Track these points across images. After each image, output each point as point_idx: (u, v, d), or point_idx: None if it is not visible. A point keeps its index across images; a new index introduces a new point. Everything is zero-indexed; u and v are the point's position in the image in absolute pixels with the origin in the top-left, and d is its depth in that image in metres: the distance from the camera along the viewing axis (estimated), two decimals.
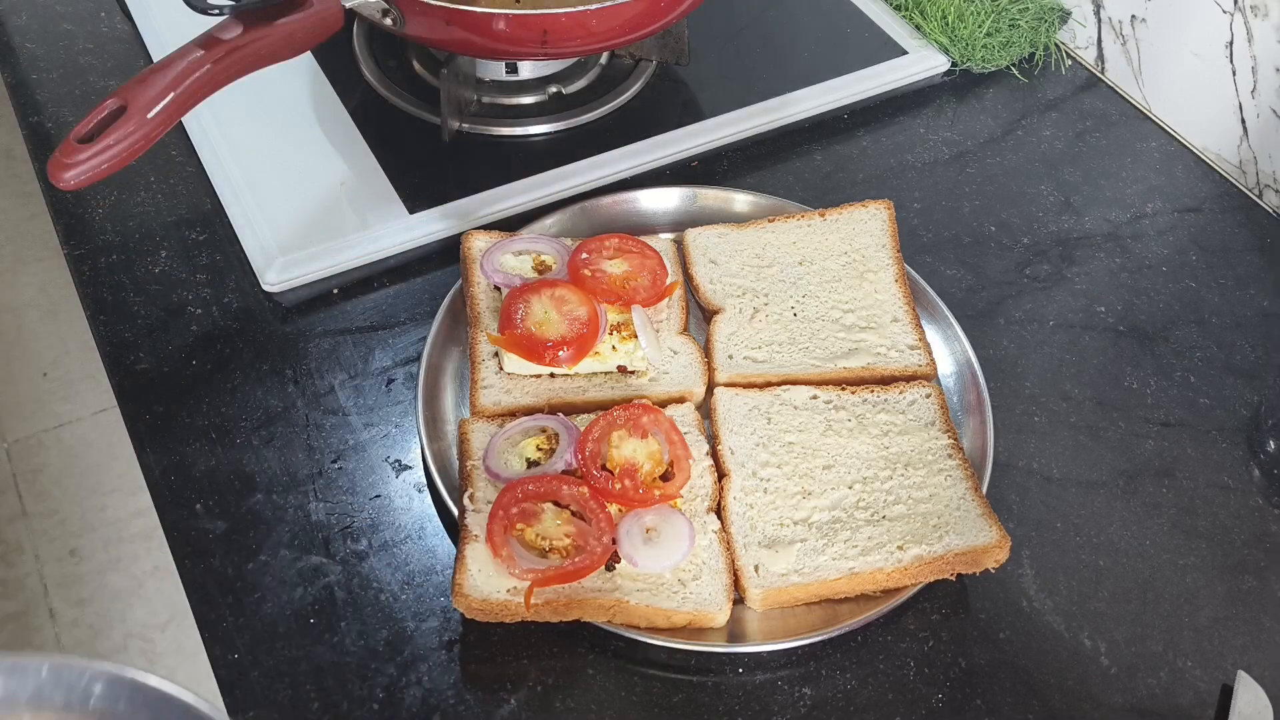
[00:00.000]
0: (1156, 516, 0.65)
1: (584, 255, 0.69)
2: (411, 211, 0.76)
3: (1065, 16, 0.93)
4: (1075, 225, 0.80)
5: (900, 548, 0.59)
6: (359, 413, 0.67)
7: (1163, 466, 0.67)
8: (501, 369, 0.66)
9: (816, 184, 0.82)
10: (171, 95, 0.63)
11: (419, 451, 0.64)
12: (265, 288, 0.72)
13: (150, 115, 0.63)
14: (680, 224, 0.75)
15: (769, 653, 0.58)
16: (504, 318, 0.66)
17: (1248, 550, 0.64)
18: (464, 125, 0.82)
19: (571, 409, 0.65)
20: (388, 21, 0.73)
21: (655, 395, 0.65)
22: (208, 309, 0.71)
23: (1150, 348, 0.73)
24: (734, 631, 0.58)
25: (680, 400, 0.66)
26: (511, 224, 0.75)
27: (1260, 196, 0.83)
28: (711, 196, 0.77)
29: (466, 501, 0.60)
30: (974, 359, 0.68)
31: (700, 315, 0.72)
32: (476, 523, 0.59)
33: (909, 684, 0.57)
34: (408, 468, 0.64)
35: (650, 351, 0.67)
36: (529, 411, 0.65)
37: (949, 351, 0.70)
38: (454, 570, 0.57)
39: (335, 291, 0.73)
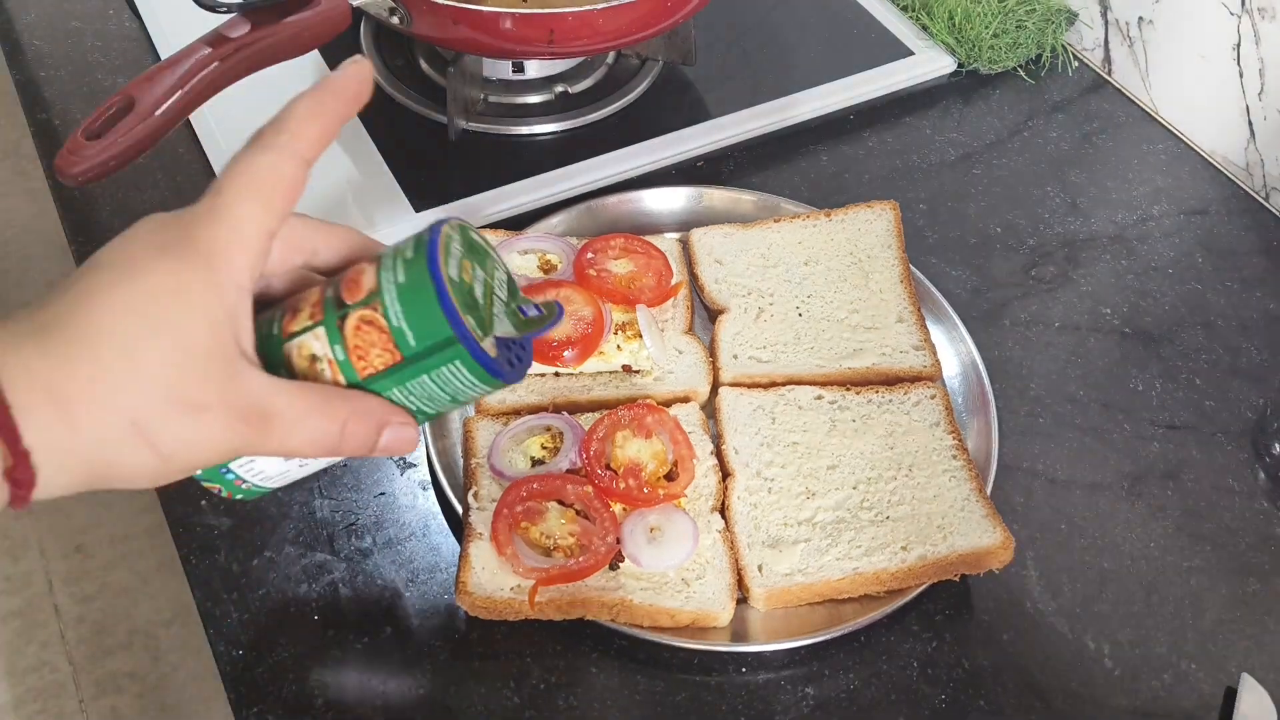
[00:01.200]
0: (1161, 519, 0.65)
1: (589, 255, 0.69)
2: (417, 210, 0.77)
3: (1072, 18, 0.92)
4: (1081, 227, 0.80)
5: (904, 548, 0.59)
6: None
7: (1168, 469, 0.67)
8: None
9: (822, 184, 0.82)
10: (179, 93, 0.63)
11: (424, 449, 0.64)
12: None
13: (157, 112, 0.63)
14: (686, 224, 0.75)
15: (772, 652, 0.58)
16: None
17: (1252, 553, 0.63)
18: (470, 124, 0.83)
19: (576, 408, 0.65)
20: (395, 20, 0.73)
21: (660, 395, 0.66)
22: None
23: (1156, 350, 0.73)
24: (737, 631, 0.58)
25: (685, 400, 0.66)
26: (517, 223, 0.75)
27: (1267, 199, 0.83)
28: (717, 196, 0.77)
29: (471, 499, 0.60)
30: (979, 360, 0.68)
31: (705, 315, 0.72)
32: (481, 521, 0.59)
33: (912, 685, 0.57)
34: (412, 465, 0.65)
35: (655, 351, 0.67)
36: (534, 410, 0.65)
37: (954, 352, 0.70)
38: (458, 568, 0.57)
39: None
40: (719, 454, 0.63)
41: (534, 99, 0.85)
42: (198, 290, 0.40)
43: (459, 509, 0.60)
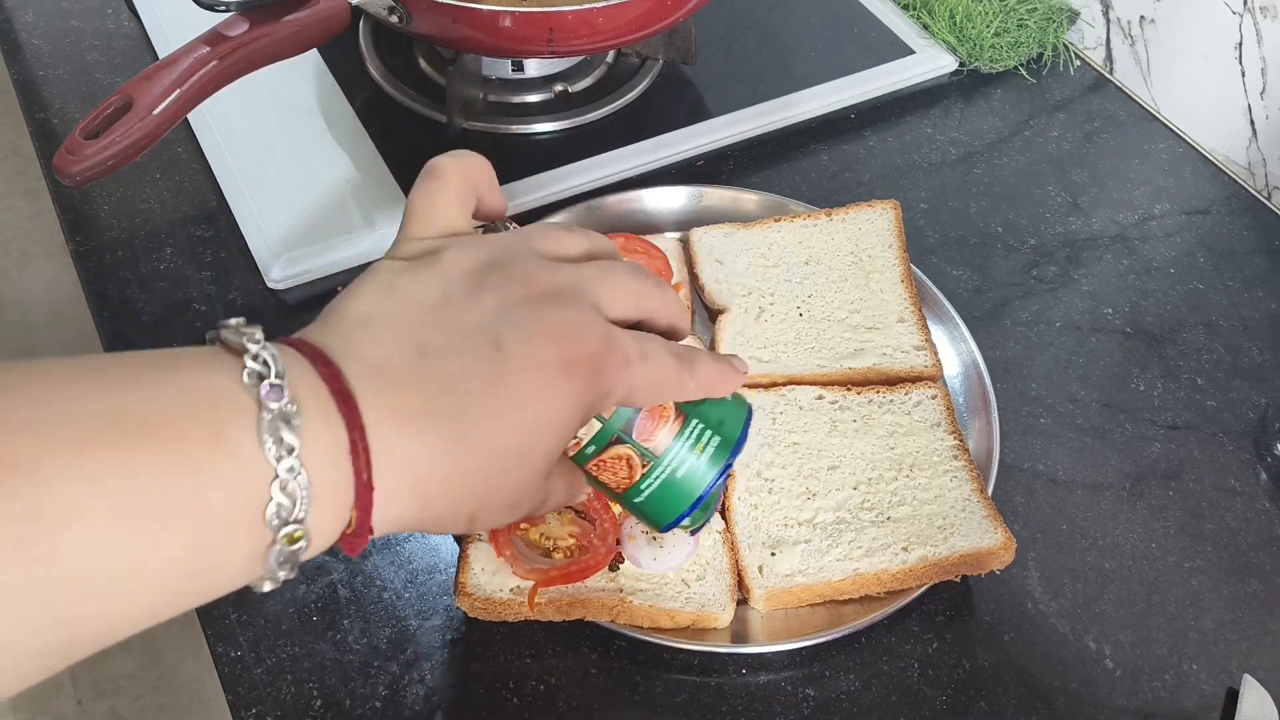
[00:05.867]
0: (1163, 519, 0.64)
1: None
2: None
3: (1074, 17, 0.92)
4: (1083, 226, 0.80)
5: (905, 549, 0.59)
6: None
7: (1169, 469, 0.67)
8: None
9: (823, 184, 0.81)
10: (177, 92, 0.63)
11: None
12: (270, 285, 0.72)
13: (156, 111, 0.62)
14: (686, 223, 0.75)
15: (772, 654, 0.58)
16: None
17: (1254, 554, 0.63)
18: (470, 123, 0.82)
19: None
20: (394, 19, 0.73)
21: None
22: (212, 306, 0.71)
23: (1157, 350, 0.73)
24: (737, 632, 0.57)
25: None
26: (517, 222, 0.75)
27: (1269, 199, 0.83)
28: (717, 196, 0.76)
29: None
30: (980, 360, 0.68)
31: (705, 315, 0.71)
32: None
33: (913, 685, 0.57)
34: None
35: None
36: None
37: (955, 352, 0.69)
38: (457, 569, 0.57)
39: (340, 289, 0.72)
40: None
41: (533, 98, 0.85)
42: (577, 423, 0.41)
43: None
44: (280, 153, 0.79)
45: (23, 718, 1.42)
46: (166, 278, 0.72)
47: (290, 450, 0.34)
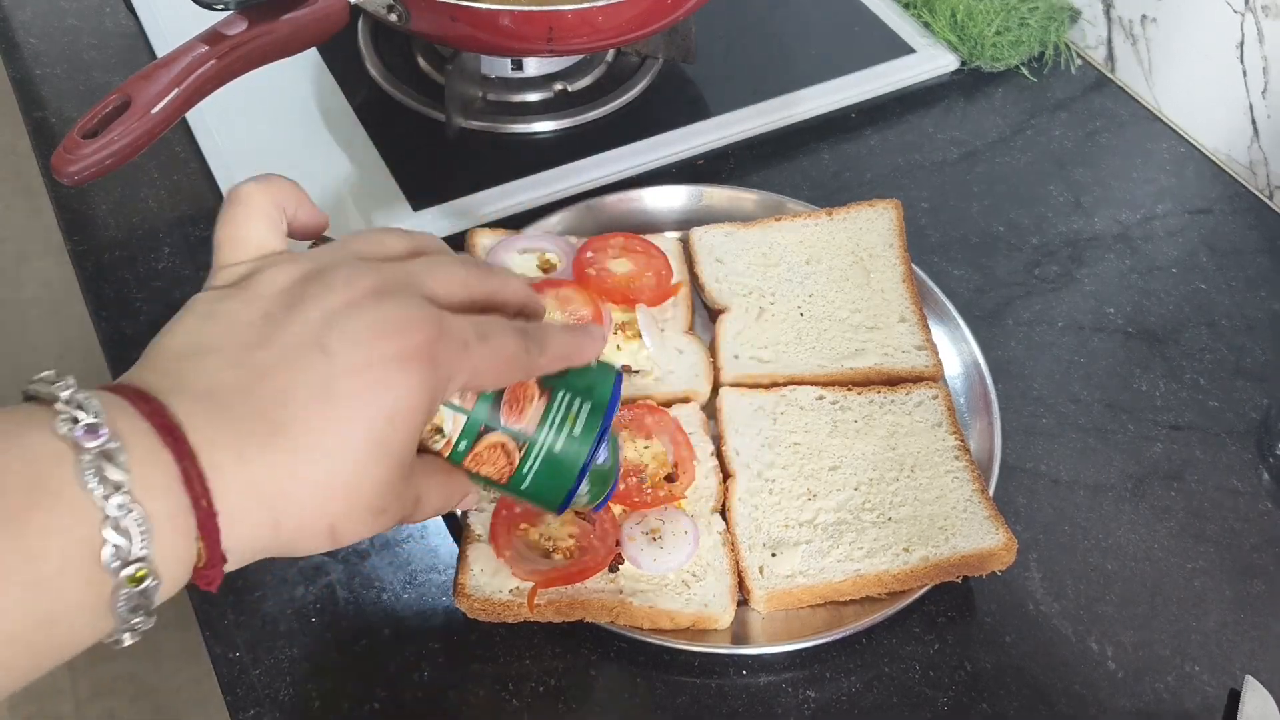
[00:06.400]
0: (1165, 520, 0.64)
1: (589, 254, 0.69)
2: (416, 209, 0.76)
3: (1075, 15, 0.92)
4: (1085, 226, 0.80)
5: (906, 550, 0.59)
6: None
7: (1171, 470, 0.66)
8: None
9: (824, 183, 0.81)
10: (176, 91, 0.63)
11: None
12: None
13: (154, 111, 0.62)
14: (686, 222, 0.75)
15: (773, 655, 0.57)
16: None
17: (1256, 554, 0.63)
18: (469, 122, 0.82)
19: None
20: (393, 18, 0.73)
21: (660, 395, 0.65)
22: None
23: (1160, 350, 0.72)
24: (738, 633, 0.57)
25: (685, 400, 0.65)
26: (516, 222, 0.75)
27: (1271, 198, 0.82)
28: (718, 195, 0.76)
29: None
30: (981, 360, 0.68)
31: (706, 314, 0.71)
32: (479, 522, 0.58)
33: (914, 687, 0.57)
34: None
35: (655, 351, 0.66)
36: None
37: (956, 352, 0.69)
38: (456, 570, 0.57)
39: None
40: (720, 455, 0.63)
41: (533, 97, 0.85)
42: (422, 413, 0.41)
43: (457, 511, 0.60)
44: (279, 152, 0.79)
45: (20, 719, 1.42)
46: (164, 277, 0.72)
47: (118, 487, 0.33)
